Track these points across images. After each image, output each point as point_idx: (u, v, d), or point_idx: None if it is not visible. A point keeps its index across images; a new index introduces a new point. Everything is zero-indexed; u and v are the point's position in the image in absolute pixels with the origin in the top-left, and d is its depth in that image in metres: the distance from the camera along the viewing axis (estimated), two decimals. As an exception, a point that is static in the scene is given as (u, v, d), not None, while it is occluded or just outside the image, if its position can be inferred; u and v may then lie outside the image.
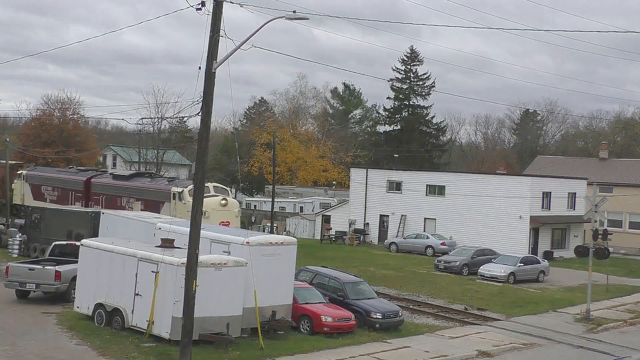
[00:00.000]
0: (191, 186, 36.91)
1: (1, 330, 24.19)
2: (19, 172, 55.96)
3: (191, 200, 27.52)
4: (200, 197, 20.76)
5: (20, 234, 41.75)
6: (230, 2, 20.30)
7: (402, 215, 59.28)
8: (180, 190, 42.51)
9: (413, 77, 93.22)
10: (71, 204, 48.62)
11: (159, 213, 40.29)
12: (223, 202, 41.55)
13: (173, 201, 42.57)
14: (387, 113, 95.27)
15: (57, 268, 28.99)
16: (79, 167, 55.01)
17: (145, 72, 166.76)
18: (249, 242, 24.77)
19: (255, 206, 76.35)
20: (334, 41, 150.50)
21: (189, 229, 20.97)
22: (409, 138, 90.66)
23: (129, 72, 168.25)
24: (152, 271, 23.32)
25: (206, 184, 34.50)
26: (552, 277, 43.73)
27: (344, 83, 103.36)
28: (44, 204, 49.39)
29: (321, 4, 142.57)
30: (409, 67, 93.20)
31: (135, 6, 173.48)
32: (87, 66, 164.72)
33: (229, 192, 44.46)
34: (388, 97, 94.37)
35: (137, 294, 23.85)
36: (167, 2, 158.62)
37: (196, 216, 20.63)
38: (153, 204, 43.70)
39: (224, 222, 38.21)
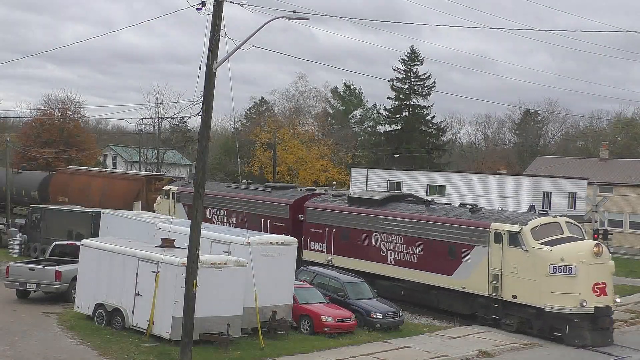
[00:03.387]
0: (539, 221, 28.00)
1: (1, 330, 24.20)
2: (165, 187, 45.32)
3: (544, 249, 25.46)
4: (201, 197, 20.74)
5: (20, 234, 41.75)
6: (231, 2, 20.32)
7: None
8: (517, 230, 27.64)
9: (413, 77, 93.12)
10: None
11: (459, 262, 29.37)
12: (596, 249, 27.19)
13: (496, 245, 28.18)
14: (387, 113, 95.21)
15: (58, 268, 29.02)
16: (273, 184, 42.74)
17: (144, 71, 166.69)
18: (249, 242, 24.80)
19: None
20: (333, 40, 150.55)
21: (189, 228, 20.99)
22: (410, 138, 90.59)
23: (128, 72, 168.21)
24: (153, 271, 23.33)
25: (555, 219, 28.66)
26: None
27: (344, 83, 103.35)
28: None
29: (321, 3, 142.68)
30: (409, 67, 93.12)
31: (132, 4, 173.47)
32: (86, 65, 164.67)
33: (582, 230, 29.75)
34: (388, 97, 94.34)
35: (138, 294, 23.86)
36: (164, 0, 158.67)
37: (196, 215, 20.64)
38: (447, 249, 30.00)
39: (599, 283, 26.88)
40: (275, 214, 37.73)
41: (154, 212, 42.01)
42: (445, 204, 33.54)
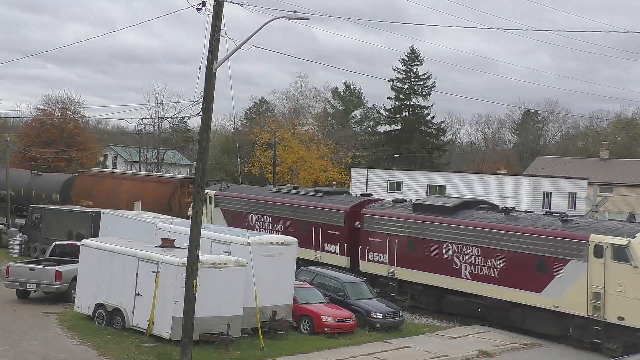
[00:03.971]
0: None
1: (1, 330, 24.20)
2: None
3: None
4: (201, 197, 20.74)
5: (20, 234, 41.75)
6: (231, 2, 20.32)
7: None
8: (624, 243, 24.47)
9: (413, 77, 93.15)
10: (318, 249, 35.32)
11: (551, 278, 26.51)
12: None
13: (596, 260, 25.17)
14: (387, 113, 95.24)
15: (58, 268, 29.02)
16: (324, 189, 39.85)
17: (144, 71, 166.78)
18: (249, 242, 24.79)
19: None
20: (333, 40, 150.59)
21: (189, 228, 20.99)
22: (410, 138, 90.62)
23: (128, 72, 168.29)
24: (153, 271, 23.32)
25: None
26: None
27: (345, 83, 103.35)
28: None
29: (321, 3, 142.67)
30: (409, 67, 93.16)
31: (131, 4, 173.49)
32: (86, 65, 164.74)
33: None
34: (388, 97, 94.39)
35: (138, 294, 23.85)
36: (163, 0, 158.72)
37: (196, 215, 20.64)
38: (535, 263, 27.12)
39: None
40: (328, 222, 34.91)
41: (189, 217, 40.05)
42: (527, 211, 30.38)
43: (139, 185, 47.15)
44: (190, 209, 39.79)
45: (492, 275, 28.56)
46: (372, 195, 39.14)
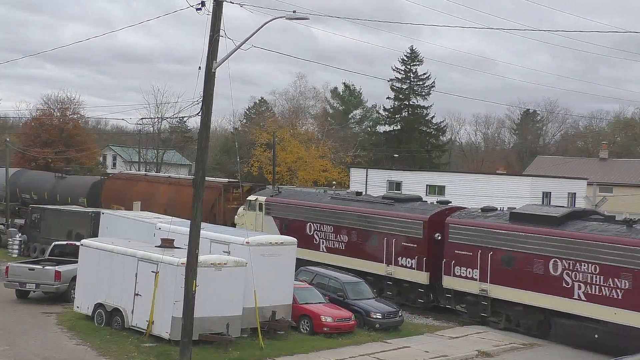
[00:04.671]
0: None
1: (1, 330, 24.20)
2: (250, 197, 38.90)
3: None
4: (200, 197, 20.74)
5: (20, 234, 41.75)
6: (230, 2, 20.32)
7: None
8: None
9: (413, 77, 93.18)
10: (390, 263, 31.99)
11: None
12: None
13: None
14: (387, 113, 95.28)
15: (57, 268, 29.02)
16: (394, 195, 36.45)
17: (143, 71, 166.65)
18: (248, 242, 24.79)
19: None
20: (333, 40, 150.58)
21: (188, 228, 20.99)
22: (409, 138, 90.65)
23: (127, 72, 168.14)
24: (152, 271, 23.33)
25: None
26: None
27: (344, 83, 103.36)
28: (320, 256, 34.36)
29: (320, 3, 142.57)
30: (408, 67, 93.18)
31: (131, 4, 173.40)
32: (84, 65, 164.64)
33: None
34: (388, 97, 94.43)
35: (137, 294, 23.86)
36: (163, 0, 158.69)
37: (196, 215, 20.64)
38: None
39: None
40: (403, 233, 31.56)
41: (235, 225, 37.41)
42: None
43: (176, 189, 43.70)
44: (237, 216, 38.56)
45: (615, 296, 24.91)
46: (450, 202, 35.31)
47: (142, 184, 46.72)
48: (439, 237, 30.58)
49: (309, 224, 35.38)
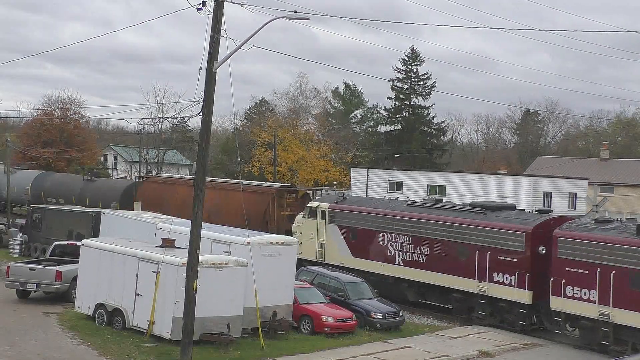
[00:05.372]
0: None
1: (2, 330, 24.20)
2: (310, 204, 36.23)
3: None
4: (201, 197, 20.74)
5: (21, 234, 41.76)
6: (231, 2, 20.32)
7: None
8: None
9: (414, 77, 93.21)
10: (483, 279, 28.90)
11: None
12: None
13: None
14: (387, 113, 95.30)
15: (58, 268, 29.02)
16: (485, 203, 32.22)
17: (143, 71, 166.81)
18: (249, 242, 24.79)
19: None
20: (334, 40, 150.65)
21: (189, 228, 20.99)
22: (410, 138, 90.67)
23: (127, 71, 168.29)
24: (153, 271, 23.33)
25: None
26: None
27: (345, 83, 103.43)
28: (396, 269, 31.76)
29: (321, 3, 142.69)
30: (409, 67, 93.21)
31: (131, 4, 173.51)
32: (85, 65, 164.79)
33: None
34: (389, 97, 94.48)
35: (138, 294, 23.86)
36: (163, 0, 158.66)
37: (197, 216, 20.64)
38: None
39: None
40: (499, 245, 28.36)
41: (292, 234, 34.83)
42: None
43: (223, 195, 40.26)
44: (295, 225, 35.97)
45: None
46: (552, 211, 32.13)
47: (182, 189, 43.10)
48: (544, 251, 27.46)
49: (382, 234, 32.36)
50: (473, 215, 30.18)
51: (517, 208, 31.32)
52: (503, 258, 28.26)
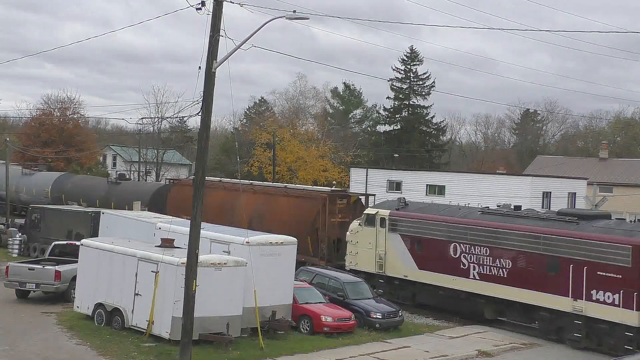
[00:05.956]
0: None
1: (1, 330, 24.20)
2: (368, 211, 33.80)
3: None
4: (200, 197, 20.74)
5: (20, 234, 41.75)
6: (230, 2, 20.31)
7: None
8: None
9: (413, 77, 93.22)
10: (579, 297, 26.03)
11: None
12: None
13: None
14: (387, 113, 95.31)
15: (57, 268, 29.02)
16: (577, 211, 31.04)
17: (143, 71, 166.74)
18: (248, 242, 24.77)
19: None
20: (333, 40, 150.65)
21: (188, 228, 20.99)
22: (409, 138, 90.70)
23: (126, 71, 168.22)
24: (152, 271, 23.33)
25: None
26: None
27: (344, 83, 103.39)
28: (471, 284, 29.17)
29: (320, 2, 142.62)
30: (408, 67, 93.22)
31: (129, 3, 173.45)
32: (84, 65, 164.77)
33: None
34: (388, 97, 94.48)
35: (137, 294, 23.86)
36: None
37: (196, 216, 20.64)
38: None
39: None
40: (599, 259, 25.46)
41: (348, 242, 33.27)
42: None
43: (266, 200, 37.91)
44: (349, 233, 33.41)
45: None
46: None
47: (218, 193, 39.79)
48: None
49: (453, 244, 29.70)
50: (564, 225, 27.24)
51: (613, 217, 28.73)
52: (604, 274, 25.24)
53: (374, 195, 39.39)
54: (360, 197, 38.08)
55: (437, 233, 30.43)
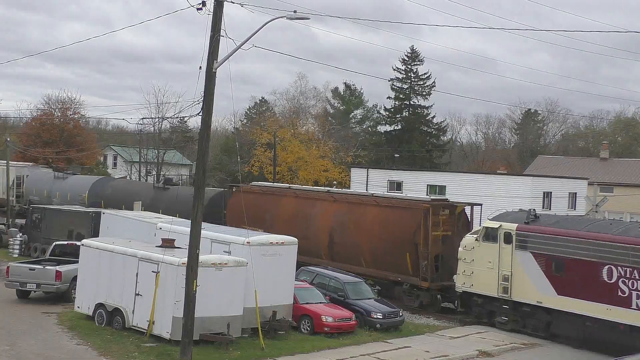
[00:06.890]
0: None
1: (1, 330, 24.21)
2: (488, 224, 29.33)
3: None
4: (201, 197, 20.75)
5: (20, 234, 41.77)
6: (231, 2, 20.32)
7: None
8: None
9: (413, 77, 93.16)
10: None
11: None
12: None
13: None
14: (387, 113, 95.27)
15: (58, 268, 29.04)
16: None
17: (143, 71, 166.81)
18: (249, 242, 24.78)
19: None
20: (333, 40, 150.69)
21: (189, 228, 20.99)
22: (410, 138, 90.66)
23: (126, 71, 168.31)
24: (153, 271, 23.33)
25: None
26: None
27: (345, 83, 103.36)
28: (634, 316, 24.24)
29: (321, 2, 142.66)
30: (409, 66, 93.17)
31: (129, 3, 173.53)
32: (84, 65, 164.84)
33: None
34: (388, 97, 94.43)
35: (138, 294, 23.86)
36: None
37: (197, 215, 20.64)
38: None
39: None
40: None
41: (460, 260, 29.50)
42: None
43: (350, 210, 34.10)
44: (462, 249, 29.56)
45: None
46: None
47: (289, 201, 36.76)
48: None
49: (607, 266, 24.98)
50: None
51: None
52: None
53: (481, 205, 33.18)
54: (465, 207, 33.19)
55: (584, 252, 25.81)
